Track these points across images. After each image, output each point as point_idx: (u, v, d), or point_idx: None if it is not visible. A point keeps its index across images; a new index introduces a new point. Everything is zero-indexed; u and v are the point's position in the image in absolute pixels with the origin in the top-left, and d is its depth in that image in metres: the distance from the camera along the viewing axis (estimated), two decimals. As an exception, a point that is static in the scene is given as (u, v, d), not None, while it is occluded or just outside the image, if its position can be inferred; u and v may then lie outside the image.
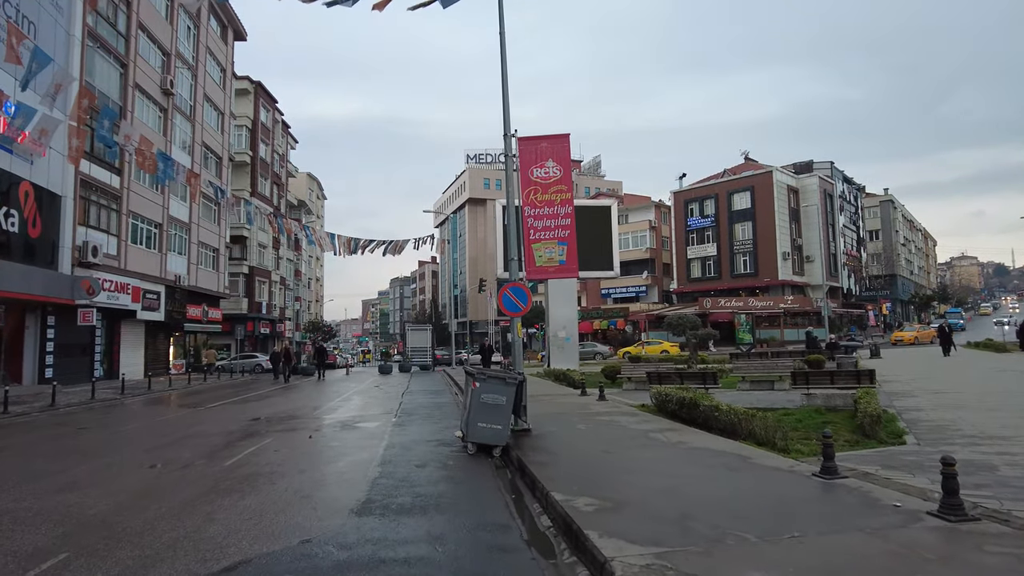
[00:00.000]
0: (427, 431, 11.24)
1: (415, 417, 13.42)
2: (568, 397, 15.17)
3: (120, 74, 25.63)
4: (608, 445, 8.62)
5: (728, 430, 9.29)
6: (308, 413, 14.56)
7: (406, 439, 10.32)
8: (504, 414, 8.86)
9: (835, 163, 65.53)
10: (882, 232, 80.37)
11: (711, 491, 5.89)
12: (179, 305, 30.68)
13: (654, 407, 12.46)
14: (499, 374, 8.98)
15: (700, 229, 59.03)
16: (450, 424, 11.96)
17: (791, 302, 52.62)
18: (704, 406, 10.02)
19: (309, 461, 8.42)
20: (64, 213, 21.45)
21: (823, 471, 6.33)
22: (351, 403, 17.32)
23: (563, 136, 10.65)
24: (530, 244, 10.47)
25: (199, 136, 33.28)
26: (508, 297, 10.10)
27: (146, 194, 27.46)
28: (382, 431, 11.33)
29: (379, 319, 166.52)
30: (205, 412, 15.34)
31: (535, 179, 10.50)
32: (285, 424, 12.55)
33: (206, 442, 10.22)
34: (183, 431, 11.69)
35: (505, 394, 8.88)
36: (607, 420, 11.06)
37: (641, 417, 11.37)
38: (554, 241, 10.47)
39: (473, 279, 78.53)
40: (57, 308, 21.43)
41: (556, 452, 8.28)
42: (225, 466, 8.13)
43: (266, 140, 49.77)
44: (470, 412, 8.86)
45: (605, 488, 6.09)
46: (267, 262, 49.33)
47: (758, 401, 13.58)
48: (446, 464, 8.16)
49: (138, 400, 18.94)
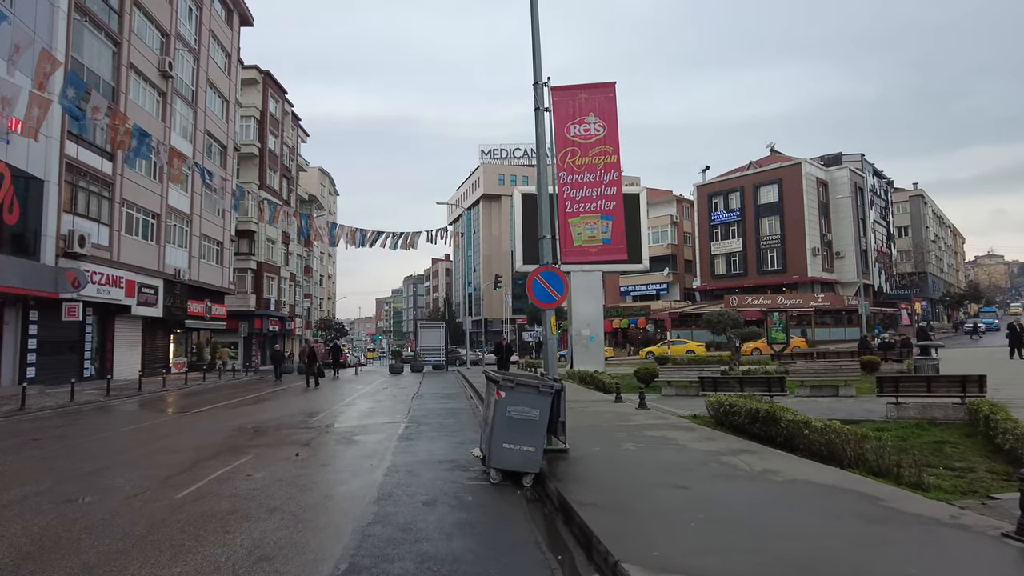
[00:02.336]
0: (439, 448, 9.28)
1: (425, 428, 11.47)
2: (602, 404, 13.14)
3: (113, 53, 23.93)
4: (675, 475, 6.60)
5: (823, 453, 7.24)
6: (302, 421, 12.66)
7: (413, 459, 8.36)
8: (537, 433, 6.90)
9: (865, 155, 62.71)
10: (912, 228, 77.24)
11: (871, 567, 3.86)
12: (179, 300, 29.01)
13: (710, 419, 10.42)
14: (530, 380, 7.00)
15: (725, 224, 56.62)
16: (466, 438, 10.00)
17: (821, 300, 50.10)
18: (787, 421, 7.96)
19: (285, 494, 6.50)
20: (47, 199, 19.75)
21: (1022, 531, 4.27)
22: (354, 408, 15.42)
23: (607, 85, 8.61)
24: (566, 219, 8.46)
25: (202, 123, 31.60)
26: (539, 285, 8.11)
27: (142, 182, 25.77)
28: (385, 447, 9.40)
29: (392, 317, 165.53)
30: (188, 419, 13.51)
31: (573, 138, 8.48)
32: (272, 436, 10.66)
33: (169, 461, 8.33)
34: (149, 445, 9.83)
35: (539, 406, 6.91)
36: (659, 437, 9.03)
37: (700, 432, 9.32)
38: (596, 215, 8.45)
39: (487, 277, 76.70)
40: (40, 302, 19.75)
41: (608, 485, 6.27)
42: (175, 500, 6.22)
43: (275, 132, 48.15)
44: (493, 429, 6.90)
45: (701, 555, 4.08)
46: (276, 257, 47.71)
47: (829, 411, 11.46)
48: (463, 500, 6.19)
49: (122, 403, 17.19)
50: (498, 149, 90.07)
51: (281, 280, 49.03)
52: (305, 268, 60.45)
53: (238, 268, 42.27)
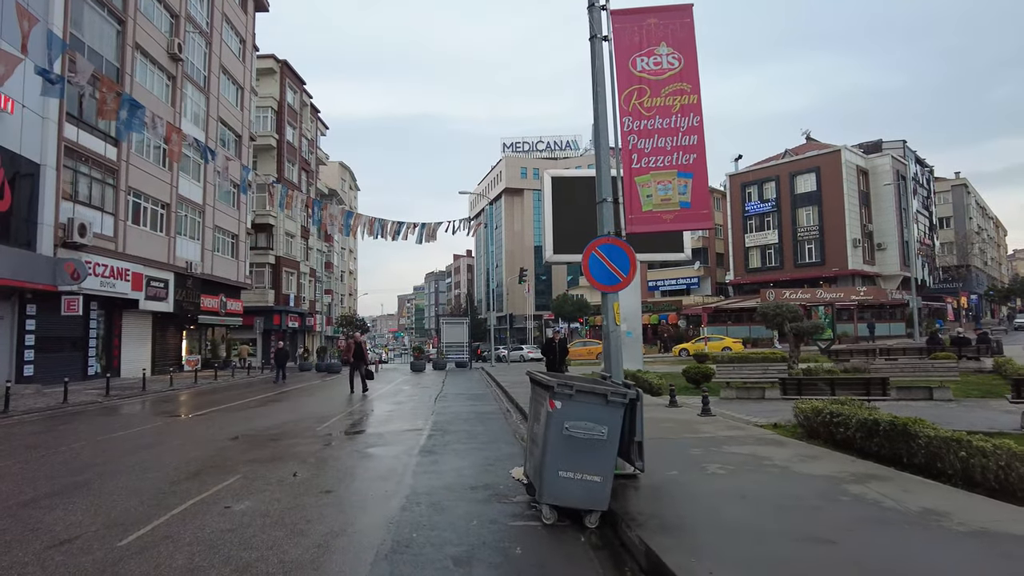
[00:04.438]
0: (470, 465, 7.52)
1: (452, 438, 9.72)
2: (656, 409, 11.26)
3: (117, 32, 22.57)
4: (801, 519, 4.75)
5: (987, 484, 5.34)
6: (310, 428, 11.00)
7: (438, 482, 6.61)
8: (605, 457, 5.11)
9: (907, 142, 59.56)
10: (954, 219, 73.66)
11: None
12: (191, 295, 27.70)
13: (795, 429, 8.53)
14: (595, 386, 5.19)
15: (760, 215, 54.09)
16: (501, 452, 8.23)
17: (864, 294, 47.44)
18: (928, 438, 6.05)
19: (267, 539, 4.78)
20: (43, 185, 18.41)
21: None
22: (371, 412, 13.75)
23: (682, 7, 6.75)
24: (632, 177, 6.61)
25: (215, 110, 30.27)
26: (599, 262, 6.30)
27: (150, 169, 24.43)
28: (403, 464, 7.67)
29: (414, 314, 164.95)
30: (182, 425, 11.94)
31: (640, 74, 6.64)
32: (272, 447, 9.00)
33: (135, 484, 6.70)
34: (121, 459, 8.21)
35: (607, 422, 5.12)
36: (746, 455, 7.16)
37: (795, 449, 7.43)
38: (671, 172, 6.60)
39: (509, 272, 75.03)
40: (38, 295, 18.44)
41: (714, 537, 4.42)
42: (113, 551, 4.54)
43: (293, 123, 46.84)
44: (545, 451, 5.12)
45: None
46: (295, 252, 46.43)
47: (937, 419, 9.45)
48: (509, 554, 4.42)
49: (119, 405, 15.74)
50: (520, 142, 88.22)
51: (301, 275, 47.81)
52: (326, 264, 59.20)
53: (256, 263, 41.10)
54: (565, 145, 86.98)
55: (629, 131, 6.60)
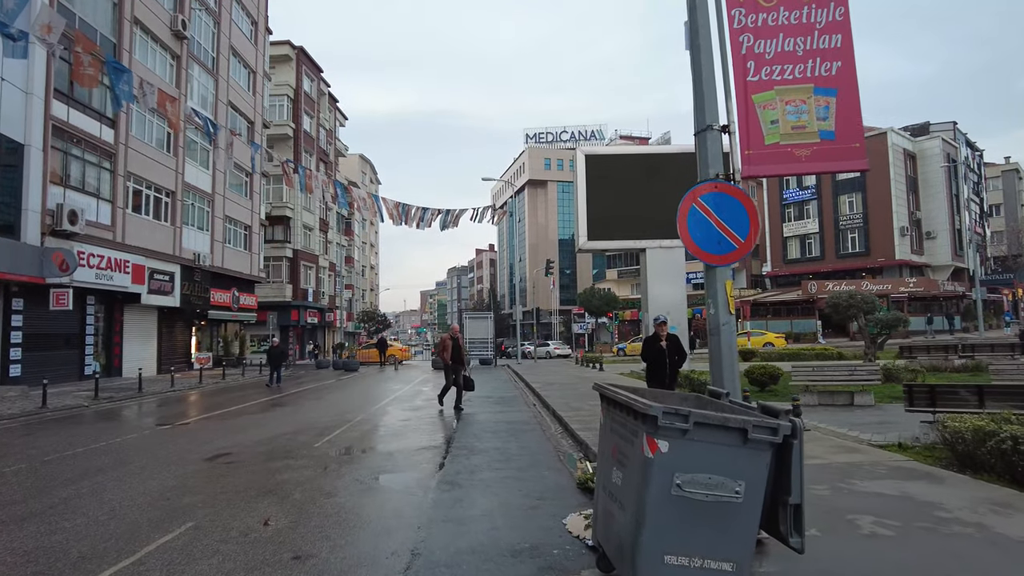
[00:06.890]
0: (504, 507, 5.48)
1: (479, 459, 7.70)
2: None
3: (113, 4, 20.92)
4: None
5: None
6: (307, 444, 9.06)
7: (462, 543, 4.58)
8: (741, 530, 3.04)
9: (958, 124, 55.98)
10: (1004, 207, 69.65)
11: None
12: (200, 289, 26.10)
13: (935, 451, 6.37)
14: (727, 418, 3.12)
15: (798, 203, 51.20)
16: (546, 483, 6.18)
17: (913, 285, 44.42)
18: None
19: None
20: (28, 167, 16.77)
21: None
22: (382, 422, 11.78)
23: None
24: (749, 95, 4.48)
25: (224, 94, 28.63)
26: (701, 217, 4.22)
27: (151, 154, 22.80)
28: (417, 503, 5.67)
29: (437, 310, 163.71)
30: (155, 438, 10.08)
31: (758, -56, 4.50)
32: (251, 472, 7.07)
33: (34, 543, 4.79)
34: (45, 495, 6.32)
35: (744, 474, 3.06)
36: (895, 497, 5.04)
37: (963, 489, 5.27)
38: (807, 87, 4.46)
39: (533, 265, 72.83)
40: (25, 288, 16.87)
41: None
42: None
43: (310, 112, 45.22)
44: (641, 520, 3.07)
45: None
46: (314, 245, 44.88)
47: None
48: None
49: (104, 410, 14.02)
50: (544, 132, 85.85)
51: (320, 270, 46.29)
52: (346, 258, 57.65)
53: (272, 256, 39.63)
54: (590, 135, 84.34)
55: (742, 28, 4.47)
